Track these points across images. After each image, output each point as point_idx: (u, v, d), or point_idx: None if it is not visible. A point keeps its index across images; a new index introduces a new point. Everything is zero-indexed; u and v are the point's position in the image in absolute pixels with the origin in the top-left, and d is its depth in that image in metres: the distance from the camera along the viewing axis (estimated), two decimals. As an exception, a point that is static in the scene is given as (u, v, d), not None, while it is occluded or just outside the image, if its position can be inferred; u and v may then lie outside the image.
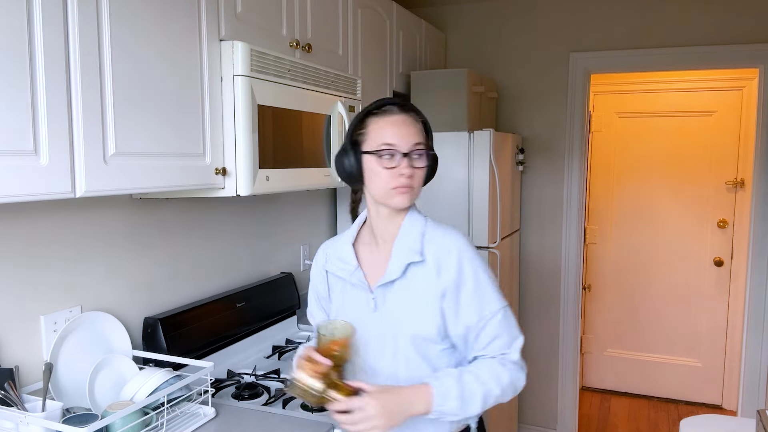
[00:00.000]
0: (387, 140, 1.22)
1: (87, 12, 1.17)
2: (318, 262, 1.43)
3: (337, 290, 1.36)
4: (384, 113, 1.25)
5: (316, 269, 1.43)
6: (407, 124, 1.24)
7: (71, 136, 1.15)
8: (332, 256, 1.37)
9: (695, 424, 2.48)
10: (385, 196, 1.25)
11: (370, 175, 1.25)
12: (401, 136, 1.23)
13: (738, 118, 3.82)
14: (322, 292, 1.41)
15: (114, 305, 1.66)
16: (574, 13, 3.19)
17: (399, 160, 1.22)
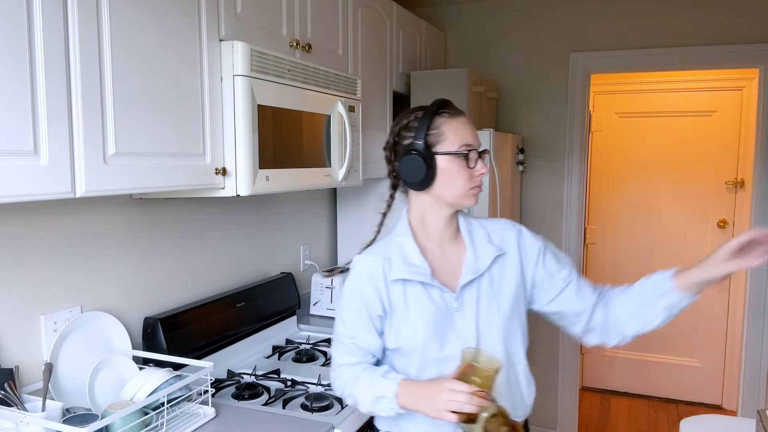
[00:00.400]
0: (468, 141, 1.23)
1: (87, 12, 1.17)
2: (367, 277, 1.27)
3: (402, 299, 1.25)
4: (454, 114, 1.26)
5: (365, 286, 1.27)
6: (472, 126, 1.27)
7: (71, 136, 1.15)
8: (395, 264, 1.26)
9: (695, 424, 2.48)
10: (460, 197, 1.25)
11: (446, 176, 1.23)
12: (474, 136, 1.25)
13: (738, 118, 3.82)
14: (377, 309, 1.26)
15: (114, 305, 1.66)
16: (574, 13, 3.19)
17: (476, 161, 1.24)
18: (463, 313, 1.25)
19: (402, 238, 1.30)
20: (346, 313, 1.29)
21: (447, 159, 1.23)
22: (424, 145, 1.23)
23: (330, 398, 1.67)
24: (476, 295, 1.26)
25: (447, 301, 1.25)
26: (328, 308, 2.49)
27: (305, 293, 2.57)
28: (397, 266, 1.26)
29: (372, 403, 1.23)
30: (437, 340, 1.23)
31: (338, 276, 2.48)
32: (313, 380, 1.83)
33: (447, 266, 1.29)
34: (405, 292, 1.25)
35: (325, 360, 2.04)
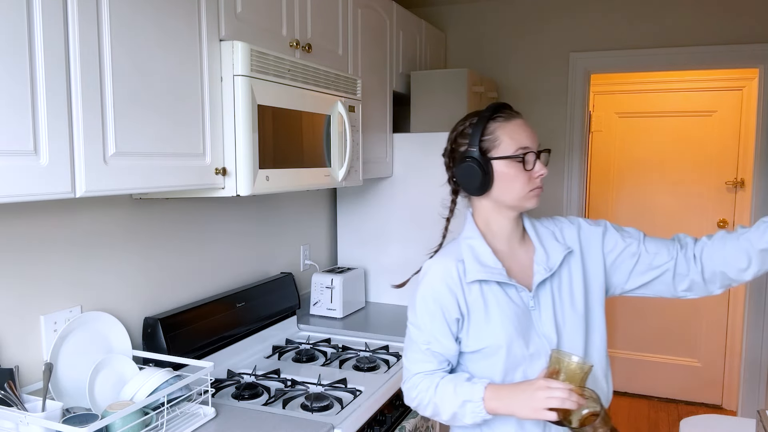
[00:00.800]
0: (524, 143, 1.24)
1: (87, 12, 1.17)
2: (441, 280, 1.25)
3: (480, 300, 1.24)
4: (508, 117, 1.26)
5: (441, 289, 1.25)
6: (529, 127, 1.27)
7: (71, 136, 1.15)
8: (470, 265, 1.25)
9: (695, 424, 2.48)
10: (520, 200, 1.26)
11: (505, 180, 1.24)
12: (532, 137, 1.25)
13: (738, 118, 3.82)
14: (454, 312, 1.24)
15: (114, 305, 1.66)
16: (574, 13, 3.19)
17: (534, 162, 1.24)
18: (540, 311, 1.25)
19: (472, 241, 1.29)
20: (421, 318, 1.26)
21: (503, 163, 1.24)
22: (478, 152, 1.24)
23: (330, 398, 1.67)
24: (551, 294, 1.26)
25: (524, 299, 1.25)
26: (328, 308, 2.49)
27: (305, 293, 2.57)
28: (471, 267, 1.25)
29: (456, 410, 1.19)
30: (522, 338, 1.22)
31: (338, 276, 2.48)
32: (313, 380, 1.83)
33: (519, 267, 1.30)
34: (482, 293, 1.24)
35: (326, 360, 2.05)
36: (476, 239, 1.29)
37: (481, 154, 1.24)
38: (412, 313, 1.30)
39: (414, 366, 1.28)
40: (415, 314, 1.28)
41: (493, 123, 1.25)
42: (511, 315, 1.23)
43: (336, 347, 2.15)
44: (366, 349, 2.13)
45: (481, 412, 1.17)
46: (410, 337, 1.30)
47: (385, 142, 2.56)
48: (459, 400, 1.19)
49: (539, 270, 1.26)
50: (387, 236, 2.69)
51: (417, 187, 2.61)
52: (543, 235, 1.33)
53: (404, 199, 2.63)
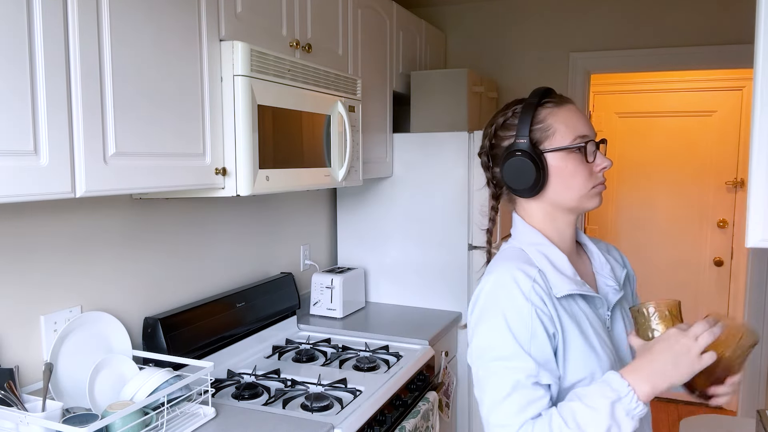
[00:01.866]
0: (581, 131, 1.04)
1: (87, 12, 1.17)
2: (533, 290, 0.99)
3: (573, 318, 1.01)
4: (560, 102, 1.07)
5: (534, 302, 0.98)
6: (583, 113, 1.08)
7: (71, 136, 1.15)
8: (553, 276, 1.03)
9: (695, 424, 2.48)
10: (582, 199, 1.06)
11: (563, 176, 1.04)
12: (588, 125, 1.06)
13: (738, 118, 3.82)
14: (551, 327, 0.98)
15: (114, 305, 1.66)
16: (574, 13, 3.19)
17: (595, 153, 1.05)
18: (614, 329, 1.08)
19: (544, 248, 1.06)
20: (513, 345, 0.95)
21: (560, 156, 1.04)
22: (529, 143, 1.03)
23: (330, 398, 1.67)
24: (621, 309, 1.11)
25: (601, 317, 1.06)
26: (328, 308, 2.49)
27: (305, 293, 2.57)
28: (556, 279, 1.02)
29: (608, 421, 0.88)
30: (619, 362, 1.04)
31: (338, 276, 2.48)
32: (313, 380, 1.83)
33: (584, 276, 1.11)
34: (572, 309, 1.02)
35: (326, 360, 2.05)
36: (547, 246, 1.06)
37: (532, 147, 1.04)
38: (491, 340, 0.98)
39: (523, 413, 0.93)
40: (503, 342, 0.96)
41: (543, 110, 1.06)
42: (601, 330, 1.03)
43: (336, 347, 2.15)
44: (366, 349, 2.13)
45: (638, 405, 0.89)
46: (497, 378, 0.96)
47: (385, 142, 2.56)
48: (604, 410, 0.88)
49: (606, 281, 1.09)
50: (387, 236, 2.69)
51: (417, 187, 2.61)
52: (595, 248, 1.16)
53: (404, 199, 2.64)
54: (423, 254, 2.64)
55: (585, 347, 0.99)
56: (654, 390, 0.90)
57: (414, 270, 2.66)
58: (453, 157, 2.56)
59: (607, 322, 1.07)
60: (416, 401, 2.00)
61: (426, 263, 2.63)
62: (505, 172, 1.06)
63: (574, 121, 1.05)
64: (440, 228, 2.58)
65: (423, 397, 2.04)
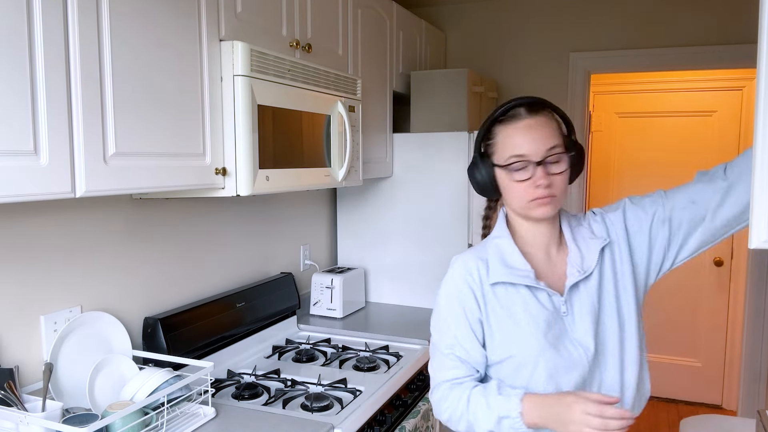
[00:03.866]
0: (516, 151, 1.13)
1: (87, 12, 1.17)
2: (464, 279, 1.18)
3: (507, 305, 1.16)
4: (511, 119, 1.16)
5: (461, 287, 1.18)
6: (538, 127, 1.13)
7: (71, 136, 1.15)
8: (494, 266, 1.17)
9: (695, 424, 2.48)
10: (524, 209, 1.16)
11: (504, 188, 1.18)
12: (532, 142, 1.12)
13: (738, 118, 3.82)
14: (476, 313, 1.17)
15: (114, 305, 1.66)
16: (574, 13, 3.19)
17: (533, 171, 1.12)
18: (574, 317, 1.15)
19: (500, 240, 1.20)
20: (443, 321, 1.19)
21: (499, 170, 1.17)
22: (478, 156, 1.21)
23: (330, 398, 1.67)
24: (588, 297, 1.16)
25: (556, 304, 1.15)
26: (328, 308, 2.49)
27: (305, 293, 2.57)
28: (495, 269, 1.16)
29: (493, 426, 1.10)
30: (553, 347, 1.13)
31: (338, 276, 2.48)
32: (313, 380, 1.83)
33: (552, 270, 1.20)
34: (509, 297, 1.16)
35: (326, 360, 2.04)
36: (504, 239, 1.20)
37: (483, 159, 1.19)
38: (434, 314, 1.22)
39: (440, 374, 1.18)
40: (437, 316, 1.21)
41: (498, 125, 1.17)
42: (541, 321, 1.13)
43: (336, 347, 2.15)
44: (366, 349, 2.13)
45: (521, 428, 1.07)
46: (432, 342, 1.22)
47: (385, 142, 2.56)
48: (494, 416, 1.09)
49: (572, 272, 1.17)
50: (387, 236, 2.69)
51: (417, 187, 2.61)
52: (579, 235, 1.22)
53: (404, 199, 2.63)
54: (423, 254, 2.64)
55: (511, 330, 1.14)
56: (538, 424, 1.07)
57: (414, 270, 2.66)
58: (453, 157, 2.56)
59: (561, 309, 1.15)
60: (416, 401, 2.00)
61: (426, 263, 2.63)
62: (469, 178, 1.24)
63: (515, 140, 1.14)
64: (440, 228, 2.58)
65: (423, 397, 2.04)
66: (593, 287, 1.17)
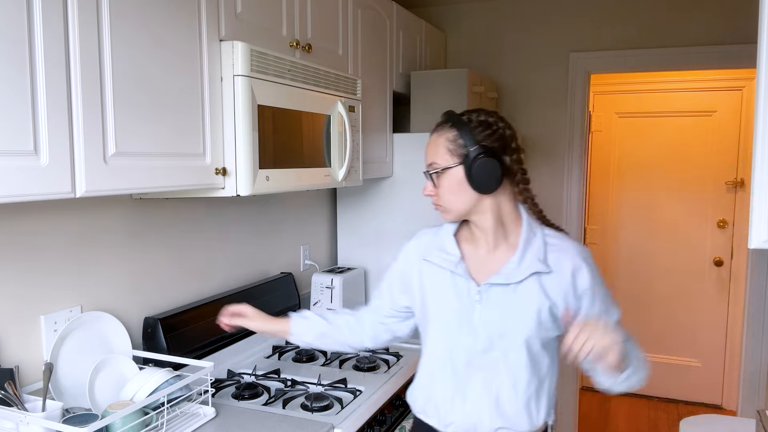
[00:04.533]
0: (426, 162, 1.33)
1: (87, 12, 1.17)
2: (413, 249, 1.43)
3: (432, 278, 1.36)
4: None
5: (409, 256, 1.43)
6: (428, 145, 1.32)
7: (71, 136, 1.15)
8: (431, 247, 1.38)
9: (695, 424, 2.48)
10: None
11: None
12: (425, 157, 1.32)
13: (738, 118, 3.82)
14: (405, 274, 1.43)
15: (114, 305, 1.66)
16: (574, 13, 3.19)
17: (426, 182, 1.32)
18: (487, 308, 1.28)
19: (445, 227, 1.39)
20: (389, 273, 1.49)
21: None
22: None
23: (330, 398, 1.67)
24: (504, 299, 1.27)
25: (471, 292, 1.29)
26: (328, 308, 2.49)
27: (305, 293, 2.57)
28: (430, 249, 1.37)
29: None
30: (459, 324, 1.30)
31: (338, 276, 2.48)
32: (313, 380, 1.83)
33: (482, 264, 1.32)
34: (433, 273, 1.35)
35: (326, 360, 2.04)
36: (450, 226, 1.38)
37: None
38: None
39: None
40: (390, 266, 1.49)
41: None
42: (452, 301, 1.31)
43: (336, 347, 2.15)
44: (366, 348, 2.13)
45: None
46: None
47: (385, 142, 2.56)
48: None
49: (499, 274, 1.27)
50: (387, 236, 2.69)
51: (417, 187, 2.61)
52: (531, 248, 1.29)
53: (404, 199, 2.63)
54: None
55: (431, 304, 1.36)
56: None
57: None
58: (453, 157, 2.55)
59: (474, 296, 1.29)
60: (416, 401, 2.00)
61: (426, 263, 2.63)
62: None
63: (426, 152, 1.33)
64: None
65: (423, 397, 2.04)
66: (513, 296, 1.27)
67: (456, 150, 1.25)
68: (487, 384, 1.29)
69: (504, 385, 1.28)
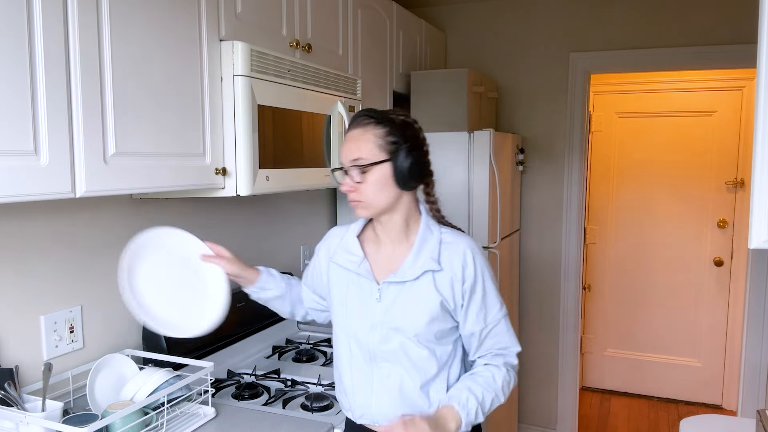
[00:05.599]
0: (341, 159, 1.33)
1: (87, 12, 1.17)
2: (323, 250, 1.47)
3: (338, 278, 1.40)
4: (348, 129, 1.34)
5: (320, 255, 1.47)
6: (350, 140, 1.31)
7: (71, 136, 1.15)
8: (338, 248, 1.41)
9: (695, 424, 2.48)
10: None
11: None
12: (344, 153, 1.32)
13: (738, 118, 3.82)
14: (318, 271, 1.48)
15: (114, 305, 1.66)
16: (574, 13, 3.19)
17: (343, 178, 1.32)
18: (385, 306, 1.32)
19: (354, 225, 1.43)
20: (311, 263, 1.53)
21: None
22: None
23: (330, 398, 1.67)
24: (400, 296, 1.31)
25: (372, 291, 1.33)
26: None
27: (305, 293, 2.56)
28: (337, 250, 1.41)
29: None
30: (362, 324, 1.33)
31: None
32: (313, 380, 1.83)
33: (383, 260, 1.36)
34: (339, 274, 1.39)
35: (326, 360, 2.04)
36: (356, 225, 1.41)
37: None
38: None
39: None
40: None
41: None
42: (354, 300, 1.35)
43: (336, 347, 2.15)
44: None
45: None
46: None
47: (385, 142, 2.56)
48: None
49: (396, 272, 1.31)
50: (387, 236, 2.69)
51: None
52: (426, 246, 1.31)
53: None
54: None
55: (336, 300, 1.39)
56: None
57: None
58: (453, 157, 2.56)
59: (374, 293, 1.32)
60: (416, 401, 2.00)
61: (426, 263, 2.63)
62: None
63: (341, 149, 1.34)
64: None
65: (423, 397, 2.04)
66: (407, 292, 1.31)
67: (385, 146, 1.27)
68: (390, 376, 1.32)
69: (405, 376, 1.31)
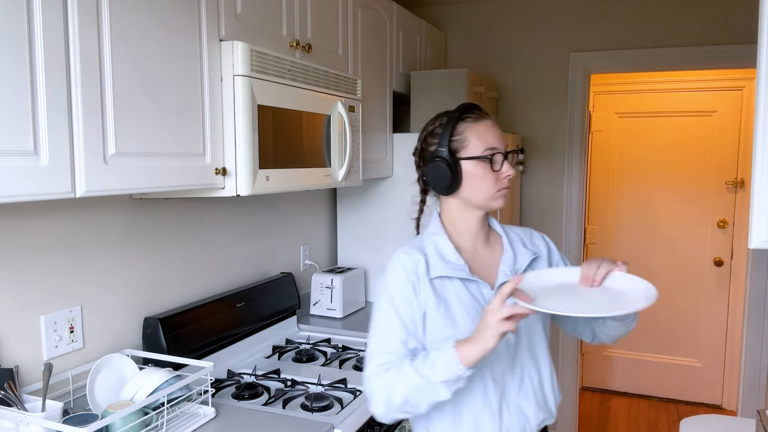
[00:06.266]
0: (491, 144, 1.26)
1: (87, 12, 1.17)
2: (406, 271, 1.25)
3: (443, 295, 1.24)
4: (477, 118, 1.29)
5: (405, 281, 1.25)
6: (496, 128, 1.30)
7: (71, 136, 1.15)
8: (434, 261, 1.27)
9: (695, 424, 2.48)
10: (488, 199, 1.28)
11: (474, 180, 1.27)
12: (499, 138, 1.29)
13: (738, 118, 3.82)
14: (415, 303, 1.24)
15: (114, 305, 1.66)
16: (574, 13, 3.19)
17: (502, 162, 1.27)
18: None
19: (437, 237, 1.31)
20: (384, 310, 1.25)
21: (472, 163, 1.26)
22: (447, 152, 1.27)
23: (330, 398, 1.67)
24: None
25: (485, 295, 1.27)
26: (328, 308, 2.49)
27: (305, 293, 2.57)
28: (435, 263, 1.27)
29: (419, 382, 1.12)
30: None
31: (338, 276, 2.48)
32: (313, 380, 1.83)
33: (482, 265, 1.33)
34: (444, 289, 1.25)
35: (325, 360, 2.04)
36: (440, 236, 1.31)
37: (450, 154, 1.27)
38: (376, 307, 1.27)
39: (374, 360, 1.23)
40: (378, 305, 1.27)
41: (462, 123, 1.28)
42: (471, 309, 1.24)
43: (336, 347, 2.15)
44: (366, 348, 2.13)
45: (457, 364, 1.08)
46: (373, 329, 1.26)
47: (385, 142, 2.56)
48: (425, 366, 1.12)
49: (505, 270, 1.30)
50: (387, 236, 2.69)
51: (417, 187, 2.60)
52: (513, 240, 1.37)
53: (404, 199, 2.63)
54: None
55: (445, 319, 1.23)
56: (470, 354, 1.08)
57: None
58: (453, 157, 2.55)
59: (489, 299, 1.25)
60: (416, 401, 2.00)
61: (426, 263, 2.63)
62: (428, 174, 1.31)
63: (487, 135, 1.27)
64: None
65: (423, 397, 2.04)
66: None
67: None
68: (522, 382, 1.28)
69: (534, 376, 1.30)
